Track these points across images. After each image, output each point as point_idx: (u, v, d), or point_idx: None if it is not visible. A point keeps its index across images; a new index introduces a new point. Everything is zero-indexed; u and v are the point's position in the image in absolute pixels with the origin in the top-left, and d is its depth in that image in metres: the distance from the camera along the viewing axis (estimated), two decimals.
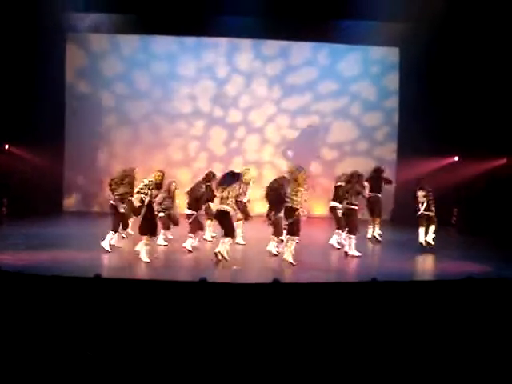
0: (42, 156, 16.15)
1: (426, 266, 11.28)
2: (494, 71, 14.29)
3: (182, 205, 12.30)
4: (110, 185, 11.33)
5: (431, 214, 11.91)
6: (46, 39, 16.04)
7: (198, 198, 11.53)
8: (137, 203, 10.13)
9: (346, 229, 11.37)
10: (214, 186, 11.26)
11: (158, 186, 10.52)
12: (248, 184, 12.28)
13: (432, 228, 11.95)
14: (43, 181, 16.43)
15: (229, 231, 10.23)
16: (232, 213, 10.34)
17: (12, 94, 15.70)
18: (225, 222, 10.22)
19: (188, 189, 11.88)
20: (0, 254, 9.74)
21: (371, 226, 13.09)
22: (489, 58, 14.43)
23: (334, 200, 12.13)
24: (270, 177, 17.71)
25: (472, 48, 14.90)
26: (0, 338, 5.99)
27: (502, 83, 14.12)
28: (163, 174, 10.69)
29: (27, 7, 14.90)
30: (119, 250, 11.15)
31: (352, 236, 11.19)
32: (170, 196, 11.72)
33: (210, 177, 11.86)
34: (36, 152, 16.00)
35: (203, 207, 11.77)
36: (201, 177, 12.20)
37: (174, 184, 11.73)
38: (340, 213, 11.65)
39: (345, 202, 11.42)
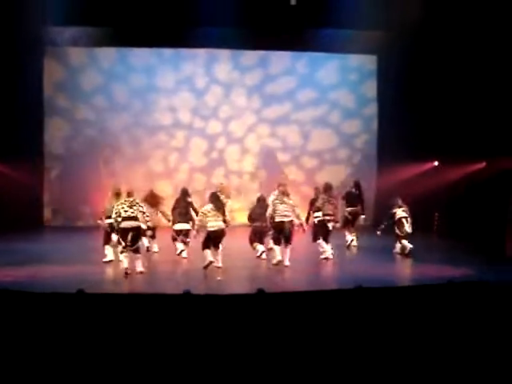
0: (22, 170, 15.88)
1: (407, 271, 11.39)
2: (470, 77, 14.46)
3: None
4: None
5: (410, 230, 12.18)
6: (24, 54, 16.01)
7: (186, 214, 11.70)
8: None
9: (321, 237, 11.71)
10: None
11: None
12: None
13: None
14: (23, 195, 16.21)
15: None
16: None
17: None
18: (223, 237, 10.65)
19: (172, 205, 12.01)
20: None
21: (353, 235, 13.24)
22: (465, 65, 14.60)
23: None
24: (250, 186, 17.93)
25: (448, 55, 15.09)
26: None
27: (479, 88, 14.28)
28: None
29: (5, 22, 14.84)
30: (102, 264, 11.04)
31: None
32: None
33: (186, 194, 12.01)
34: (15, 166, 15.73)
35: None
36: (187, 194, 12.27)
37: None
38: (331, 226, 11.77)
39: (321, 213, 11.70)
